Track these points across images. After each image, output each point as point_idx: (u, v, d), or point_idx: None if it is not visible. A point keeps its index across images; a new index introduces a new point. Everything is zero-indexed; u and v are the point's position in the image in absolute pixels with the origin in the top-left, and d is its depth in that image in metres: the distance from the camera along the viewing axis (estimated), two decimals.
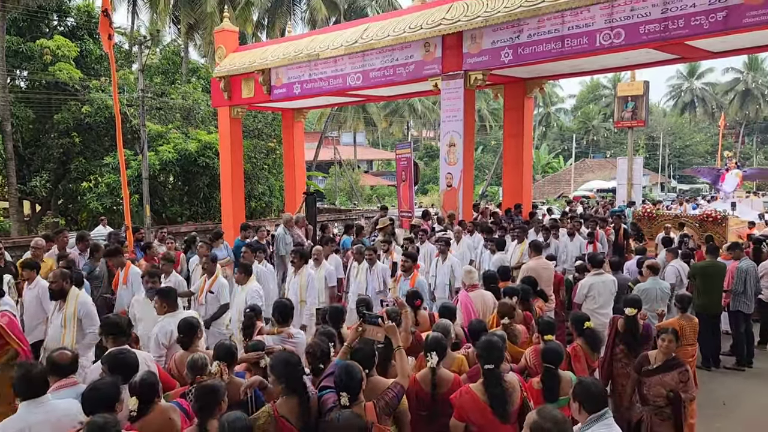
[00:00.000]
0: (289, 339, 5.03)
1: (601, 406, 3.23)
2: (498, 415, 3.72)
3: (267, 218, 23.48)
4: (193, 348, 4.44)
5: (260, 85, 15.24)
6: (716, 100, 60.23)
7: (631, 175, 18.91)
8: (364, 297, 5.82)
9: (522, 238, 10.04)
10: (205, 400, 3.26)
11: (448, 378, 4.12)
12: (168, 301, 5.29)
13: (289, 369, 3.41)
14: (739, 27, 8.54)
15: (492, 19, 10.71)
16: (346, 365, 3.50)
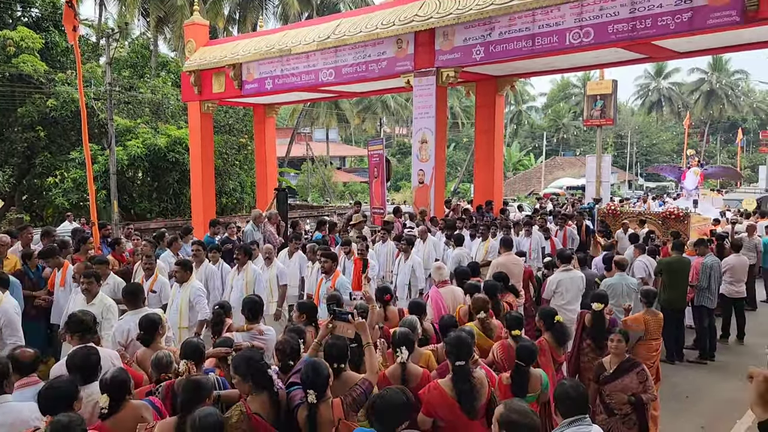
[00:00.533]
0: (260, 336, 5.00)
1: (577, 411, 3.24)
2: (466, 411, 3.74)
3: (238, 214, 23.27)
4: (156, 345, 4.37)
5: (231, 80, 15.09)
6: (682, 99, 61.45)
7: (600, 173, 19.20)
8: (334, 293, 5.81)
9: (487, 235, 10.09)
10: (190, 395, 3.22)
11: (416, 373, 4.13)
12: (127, 298, 5.21)
13: (252, 366, 3.39)
14: (704, 28, 8.73)
15: (464, 16, 10.77)
16: (312, 362, 3.50)
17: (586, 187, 21.32)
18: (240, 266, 7.54)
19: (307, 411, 3.36)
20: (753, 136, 57.62)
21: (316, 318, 5.05)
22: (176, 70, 25.59)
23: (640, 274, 8.46)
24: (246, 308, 4.99)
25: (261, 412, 3.32)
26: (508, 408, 2.90)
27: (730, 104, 59.27)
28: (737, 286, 9.64)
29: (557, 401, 3.26)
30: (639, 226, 11.50)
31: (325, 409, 3.38)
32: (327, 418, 3.37)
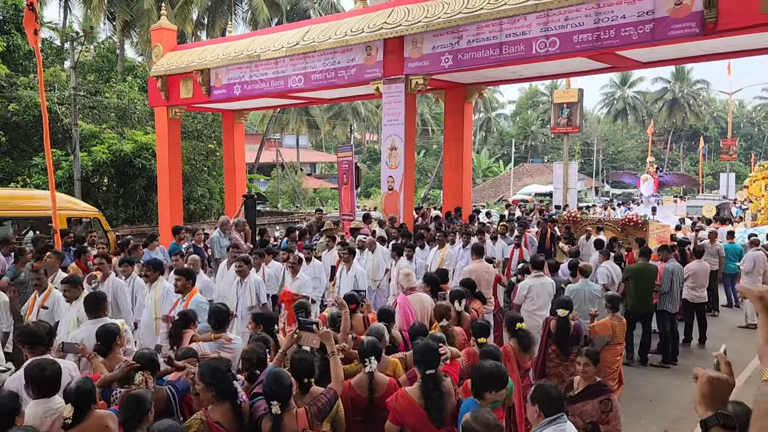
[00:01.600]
0: (227, 344, 4.94)
1: (558, 410, 3.29)
2: (433, 418, 3.75)
3: (206, 221, 23.01)
4: (113, 357, 4.28)
5: (199, 86, 14.94)
6: (646, 108, 62.85)
7: (567, 180, 19.51)
8: (302, 301, 5.77)
9: (443, 243, 9.85)
10: (131, 411, 3.16)
11: (383, 382, 4.12)
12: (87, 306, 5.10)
13: (217, 376, 3.35)
14: (665, 39, 8.94)
15: (432, 24, 10.84)
16: (274, 372, 3.46)
17: (554, 193, 21.64)
18: (150, 282, 6.88)
19: (271, 422, 3.32)
20: (714, 144, 59.19)
21: (273, 328, 5.00)
22: (143, 74, 25.24)
23: (602, 280, 8.60)
24: (212, 317, 4.93)
25: (222, 421, 3.29)
26: (473, 417, 2.92)
27: (692, 113, 60.82)
28: (699, 292, 9.87)
29: (539, 400, 3.30)
30: (595, 233, 11.66)
31: (290, 420, 3.35)
32: (291, 428, 3.34)
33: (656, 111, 61.08)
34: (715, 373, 1.51)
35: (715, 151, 57.33)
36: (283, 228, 16.67)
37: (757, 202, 18.23)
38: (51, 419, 3.38)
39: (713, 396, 1.47)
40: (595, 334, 6.36)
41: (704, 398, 1.47)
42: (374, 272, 9.24)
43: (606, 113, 66.82)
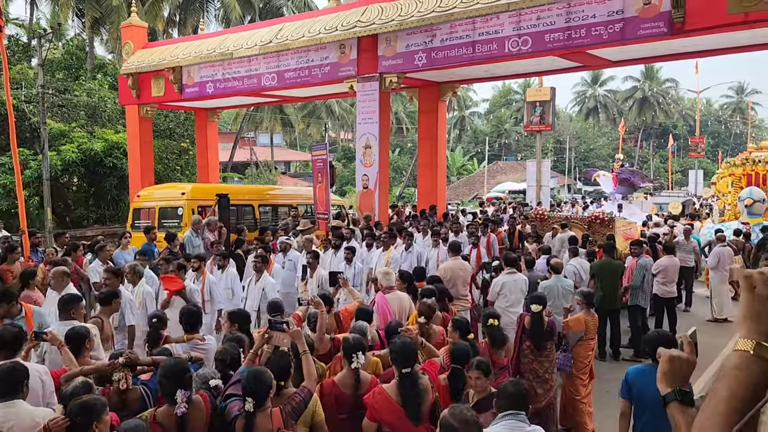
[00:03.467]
0: (200, 345, 4.90)
1: (515, 407, 3.30)
2: (410, 416, 3.76)
3: None
4: (83, 359, 4.21)
5: (171, 84, 14.77)
6: (617, 106, 63.78)
7: (540, 177, 19.70)
8: (275, 301, 5.75)
9: (389, 245, 9.38)
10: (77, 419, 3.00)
11: (366, 379, 4.14)
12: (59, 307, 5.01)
13: (168, 379, 3.32)
14: (635, 38, 9.10)
15: (406, 23, 10.87)
16: (255, 370, 3.45)
17: (527, 191, 21.84)
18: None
19: (245, 421, 3.31)
20: (683, 142, 60.30)
21: (248, 327, 4.98)
22: (113, 72, 24.82)
23: (570, 277, 8.70)
24: (183, 318, 4.88)
25: (165, 422, 3.27)
26: (451, 413, 2.94)
27: (662, 111, 61.92)
28: (669, 287, 10.04)
29: (497, 396, 3.32)
30: (560, 230, 11.79)
31: (264, 419, 3.34)
32: (266, 427, 3.33)
33: (627, 109, 62.03)
34: (676, 352, 1.57)
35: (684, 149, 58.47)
36: None
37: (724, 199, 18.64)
38: (7, 426, 3.22)
39: (674, 374, 1.54)
40: (569, 330, 6.44)
41: (665, 376, 1.54)
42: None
43: (578, 111, 67.67)
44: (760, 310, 1.20)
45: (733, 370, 1.19)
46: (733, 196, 17.42)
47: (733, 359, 1.20)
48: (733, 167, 17.99)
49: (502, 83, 63.44)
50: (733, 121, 68.87)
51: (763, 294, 1.20)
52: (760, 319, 1.19)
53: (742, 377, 1.16)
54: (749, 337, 1.19)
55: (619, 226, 12.15)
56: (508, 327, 6.50)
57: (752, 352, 1.17)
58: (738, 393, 1.14)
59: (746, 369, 1.16)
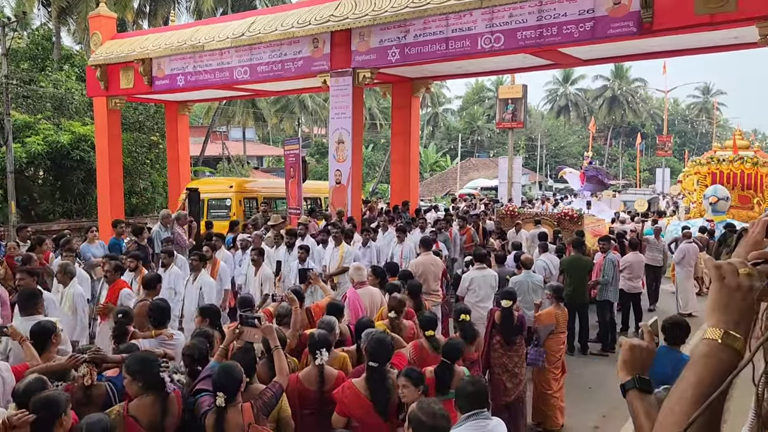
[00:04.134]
0: (169, 341, 4.84)
1: (476, 406, 3.32)
2: (379, 410, 3.78)
3: (149, 215, 22.39)
4: (48, 355, 4.12)
5: (141, 76, 14.51)
6: (588, 105, 64.68)
7: (512, 174, 19.89)
8: (246, 296, 5.71)
9: (340, 240, 9.09)
10: (40, 413, 2.94)
11: (332, 375, 4.13)
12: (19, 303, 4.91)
13: (144, 367, 3.28)
14: (605, 37, 9.22)
15: (379, 18, 10.85)
16: (226, 365, 3.44)
17: (499, 187, 22.03)
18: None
19: (216, 415, 3.28)
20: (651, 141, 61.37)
21: (219, 322, 4.93)
22: (81, 63, 24.28)
23: (540, 272, 8.82)
24: (152, 314, 4.82)
25: (138, 414, 3.23)
26: (419, 407, 2.95)
27: (631, 110, 62.97)
28: (634, 282, 10.25)
29: (458, 396, 3.35)
30: (533, 226, 11.93)
31: (235, 414, 3.32)
32: (236, 422, 3.31)
33: (597, 108, 62.94)
34: (636, 341, 1.62)
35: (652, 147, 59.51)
36: None
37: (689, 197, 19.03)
38: None
39: (633, 362, 1.58)
40: (540, 323, 6.53)
41: (625, 364, 1.59)
42: None
43: (549, 109, 68.45)
44: (728, 301, 1.23)
45: (701, 358, 1.22)
46: (698, 194, 17.80)
47: (701, 347, 1.23)
48: (699, 166, 18.38)
49: (475, 80, 63.84)
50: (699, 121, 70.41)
51: (732, 284, 1.23)
52: (728, 310, 1.22)
53: (710, 364, 1.19)
54: (718, 327, 1.22)
55: (588, 223, 12.33)
56: (478, 322, 6.56)
57: (720, 341, 1.20)
58: (706, 380, 1.17)
59: (714, 357, 1.20)
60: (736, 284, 1.23)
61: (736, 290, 1.23)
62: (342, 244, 9.05)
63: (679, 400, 1.20)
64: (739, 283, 1.23)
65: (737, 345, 1.19)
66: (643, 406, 1.49)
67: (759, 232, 1.67)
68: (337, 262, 8.91)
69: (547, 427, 6.55)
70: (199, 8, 29.36)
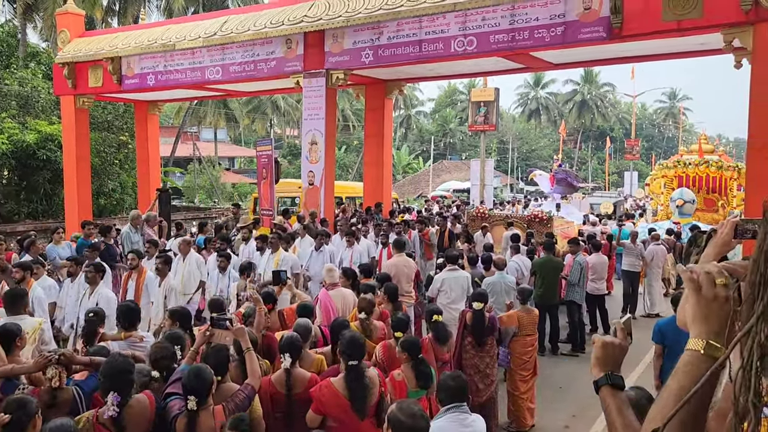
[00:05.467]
0: (139, 343, 4.76)
1: (456, 399, 3.36)
2: (356, 410, 3.78)
3: (118, 216, 22.00)
4: (12, 358, 4.02)
5: (110, 74, 14.26)
6: (558, 108, 65.58)
7: (483, 176, 20.00)
8: (216, 298, 5.65)
9: (277, 246, 8.74)
10: (15, 415, 2.89)
11: (303, 378, 4.11)
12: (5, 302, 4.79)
13: (114, 373, 3.22)
14: (575, 41, 9.36)
15: (353, 19, 10.84)
16: (196, 367, 3.40)
17: (471, 190, 22.15)
18: None
19: (187, 419, 3.24)
20: (619, 144, 62.46)
21: (190, 325, 4.87)
22: (48, 61, 23.75)
23: (512, 273, 8.91)
24: (121, 316, 4.73)
25: (107, 422, 3.18)
26: (398, 407, 2.96)
27: (600, 114, 64.03)
28: (598, 284, 10.41)
29: (439, 390, 3.38)
30: (506, 228, 12.02)
31: (206, 417, 3.28)
32: (208, 425, 3.27)
33: (567, 112, 63.84)
34: (609, 338, 1.64)
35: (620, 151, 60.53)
36: None
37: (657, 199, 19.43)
38: None
39: (606, 358, 1.60)
40: (503, 325, 6.58)
41: (598, 361, 1.61)
42: (184, 284, 7.96)
43: (521, 113, 69.18)
44: (707, 312, 1.26)
45: (684, 367, 1.25)
46: (665, 196, 18.18)
47: (685, 357, 1.27)
48: (666, 169, 18.77)
49: (448, 83, 64.27)
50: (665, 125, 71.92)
51: (709, 296, 1.26)
52: (708, 321, 1.26)
53: (692, 373, 1.23)
54: (700, 338, 1.26)
55: (558, 225, 12.48)
56: (450, 323, 6.59)
57: (702, 351, 1.24)
58: (688, 388, 1.20)
59: (696, 366, 1.23)
60: (713, 295, 1.26)
61: (713, 301, 1.26)
62: (279, 250, 8.59)
63: (662, 409, 1.23)
64: (716, 294, 1.26)
65: (719, 355, 1.22)
66: (615, 403, 1.52)
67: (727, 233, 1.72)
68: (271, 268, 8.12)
69: (517, 427, 6.61)
70: (170, 7, 28.99)
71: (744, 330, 0.87)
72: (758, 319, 0.84)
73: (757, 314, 0.84)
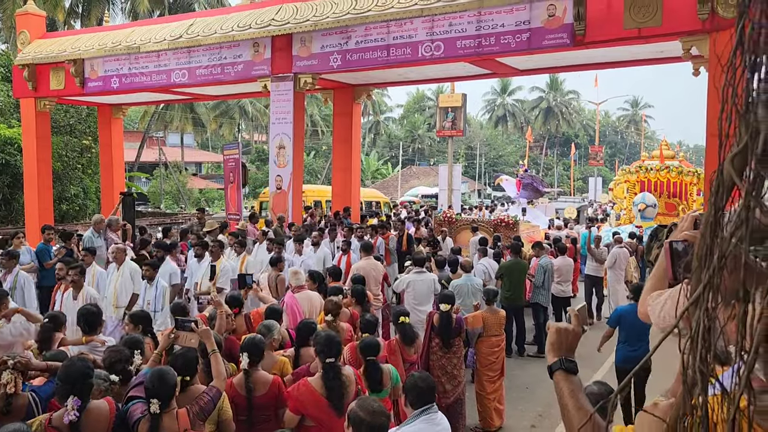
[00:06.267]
0: (99, 348, 4.67)
1: (427, 401, 3.37)
2: (334, 407, 3.77)
3: (81, 222, 21.53)
4: None
5: (72, 77, 14.00)
6: (524, 115, 66.48)
7: (451, 182, 20.16)
8: (179, 302, 5.58)
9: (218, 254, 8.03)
10: None
11: (265, 381, 4.07)
12: None
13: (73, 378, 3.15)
14: (540, 48, 9.53)
15: (321, 23, 10.85)
16: (158, 370, 3.34)
17: (440, 195, 22.28)
18: None
19: (149, 423, 3.18)
20: (584, 151, 63.64)
21: (151, 328, 4.80)
22: (7, 63, 23.17)
23: (479, 276, 8.99)
24: (82, 320, 4.63)
25: (61, 426, 3.11)
26: (358, 404, 2.96)
27: (565, 121, 65.13)
28: (564, 286, 10.56)
29: (407, 392, 3.37)
30: (472, 233, 12.13)
31: (170, 421, 3.23)
32: (172, 429, 3.22)
33: (533, 118, 64.75)
34: (563, 325, 1.70)
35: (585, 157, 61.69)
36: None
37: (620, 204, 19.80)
38: None
39: (560, 344, 1.66)
40: (469, 326, 6.63)
41: (552, 346, 1.67)
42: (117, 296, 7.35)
43: (488, 119, 69.93)
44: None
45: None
46: (628, 201, 18.53)
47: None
48: (628, 174, 19.14)
49: (416, 89, 64.60)
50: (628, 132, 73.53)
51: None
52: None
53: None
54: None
55: (523, 229, 12.64)
56: (417, 325, 6.61)
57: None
58: None
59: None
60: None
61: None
62: (220, 258, 7.99)
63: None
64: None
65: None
66: (567, 386, 1.56)
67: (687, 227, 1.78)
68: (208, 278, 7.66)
69: (485, 427, 6.66)
70: (134, 10, 28.56)
71: (692, 299, 0.91)
72: (705, 287, 0.88)
73: (703, 283, 0.89)
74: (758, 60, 0.81)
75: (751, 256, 0.86)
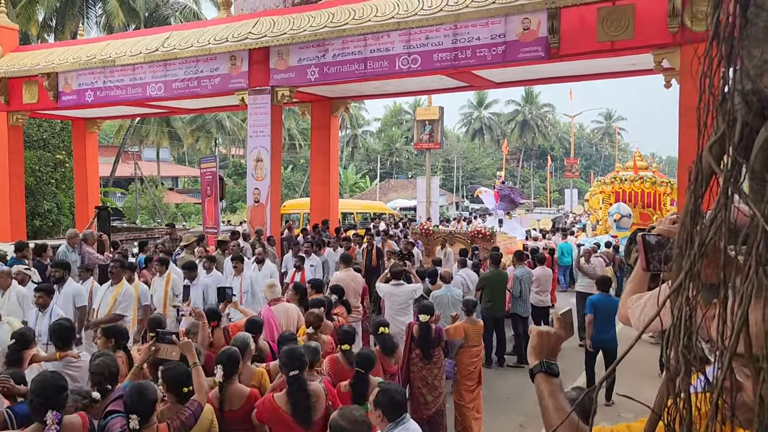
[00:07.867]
0: (74, 362, 4.57)
1: (402, 412, 3.35)
2: (299, 421, 3.72)
3: (55, 238, 21.15)
4: None
5: (46, 90, 13.83)
6: (501, 128, 67.21)
7: (429, 194, 20.27)
8: (156, 316, 5.50)
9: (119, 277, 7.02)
10: None
11: (241, 394, 4.02)
12: None
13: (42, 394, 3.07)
14: (515, 61, 9.66)
15: (298, 36, 10.88)
16: (138, 385, 3.28)
17: (418, 207, 22.37)
18: None
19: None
20: (560, 163, 64.46)
21: (125, 342, 4.72)
22: None
23: (458, 287, 9.01)
24: (54, 335, 4.52)
25: None
26: (340, 414, 2.94)
27: (541, 134, 65.98)
28: (542, 296, 10.63)
29: (384, 405, 3.33)
30: (441, 247, 12.19)
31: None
32: None
33: (509, 131, 65.49)
34: (545, 328, 1.73)
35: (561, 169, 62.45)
36: None
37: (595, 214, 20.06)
38: None
39: (542, 347, 1.69)
40: (450, 337, 6.64)
41: (534, 349, 1.70)
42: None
43: (465, 132, 70.53)
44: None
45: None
46: (603, 211, 18.80)
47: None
48: (603, 185, 19.43)
49: (393, 103, 65.04)
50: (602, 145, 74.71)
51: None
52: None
53: None
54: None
55: (500, 241, 12.72)
56: (397, 336, 6.60)
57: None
58: None
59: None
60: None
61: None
62: (121, 281, 6.98)
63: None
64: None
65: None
66: (548, 388, 1.57)
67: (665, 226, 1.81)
68: (108, 305, 6.84)
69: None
70: (110, 23, 28.31)
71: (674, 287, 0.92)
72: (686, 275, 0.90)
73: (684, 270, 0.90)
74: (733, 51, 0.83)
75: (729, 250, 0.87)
